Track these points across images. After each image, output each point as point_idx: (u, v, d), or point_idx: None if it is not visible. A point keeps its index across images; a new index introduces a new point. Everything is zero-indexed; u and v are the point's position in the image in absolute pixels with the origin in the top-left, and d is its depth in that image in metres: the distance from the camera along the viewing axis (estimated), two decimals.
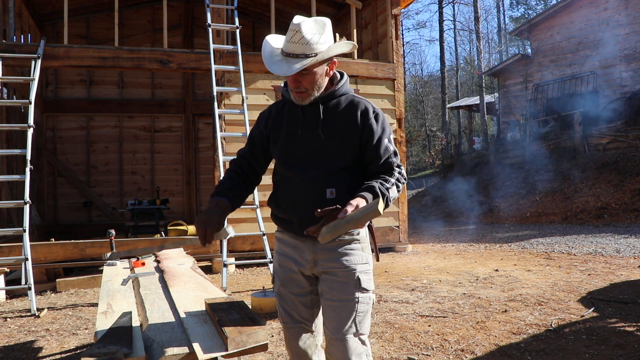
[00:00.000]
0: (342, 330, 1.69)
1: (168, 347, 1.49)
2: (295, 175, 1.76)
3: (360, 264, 1.76)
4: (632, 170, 10.59)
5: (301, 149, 1.77)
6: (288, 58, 1.64)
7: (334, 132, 1.74)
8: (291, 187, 1.77)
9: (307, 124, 1.76)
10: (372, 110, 1.77)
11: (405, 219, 7.68)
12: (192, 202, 10.42)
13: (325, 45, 1.64)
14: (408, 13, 36.36)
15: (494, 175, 14.04)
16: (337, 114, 1.76)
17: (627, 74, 13.39)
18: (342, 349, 1.67)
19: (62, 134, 9.81)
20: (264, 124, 1.87)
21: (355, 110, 1.75)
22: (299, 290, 1.81)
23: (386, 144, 1.74)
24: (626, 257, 6.22)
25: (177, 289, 2.21)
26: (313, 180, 1.72)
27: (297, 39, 1.60)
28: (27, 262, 4.70)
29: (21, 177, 4.98)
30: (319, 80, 1.71)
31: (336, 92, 1.77)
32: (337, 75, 1.82)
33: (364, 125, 1.74)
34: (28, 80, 5.65)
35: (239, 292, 5.07)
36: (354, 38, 7.75)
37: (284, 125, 1.81)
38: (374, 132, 1.73)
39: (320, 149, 1.74)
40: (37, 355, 3.32)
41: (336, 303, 1.72)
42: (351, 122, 1.74)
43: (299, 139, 1.77)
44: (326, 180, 1.72)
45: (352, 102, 1.78)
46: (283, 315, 1.85)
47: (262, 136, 1.86)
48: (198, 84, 10.54)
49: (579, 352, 2.97)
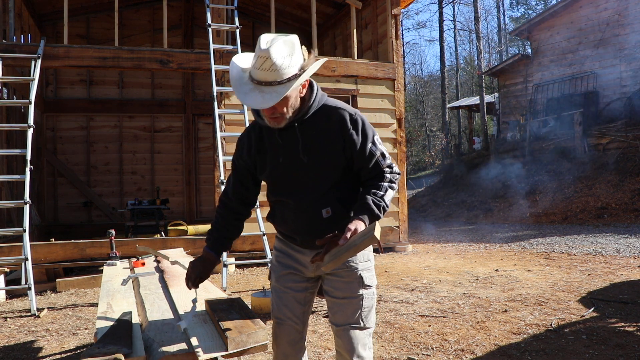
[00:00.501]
0: (348, 323, 1.76)
1: (168, 347, 1.49)
2: (288, 200, 1.78)
3: (361, 262, 1.80)
4: (632, 170, 10.59)
5: (287, 175, 1.75)
6: (260, 87, 1.54)
7: (315, 152, 1.70)
8: (287, 211, 1.80)
9: (287, 149, 1.72)
10: (350, 118, 1.70)
11: (405, 219, 7.68)
12: (192, 202, 10.42)
13: (296, 66, 1.55)
14: (408, 13, 36.38)
15: (494, 175, 14.04)
16: (315, 131, 1.69)
17: (627, 74, 13.39)
18: (348, 340, 1.75)
19: (62, 134, 9.81)
20: (246, 153, 1.83)
21: (332, 123, 1.69)
22: (294, 285, 1.83)
23: (370, 148, 1.71)
24: (626, 257, 6.22)
25: (177, 289, 2.21)
26: (307, 204, 1.74)
27: (268, 66, 1.50)
28: (27, 262, 4.70)
29: (21, 177, 4.98)
30: (293, 103, 1.63)
31: (311, 107, 1.69)
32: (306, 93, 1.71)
33: (344, 136, 1.69)
34: (28, 80, 5.66)
35: (239, 292, 5.07)
36: (354, 38, 7.76)
37: (267, 152, 1.77)
38: (356, 141, 1.69)
39: (306, 172, 1.72)
40: (37, 355, 3.32)
41: (342, 301, 1.78)
42: (331, 136, 1.69)
43: (282, 166, 1.74)
44: (319, 201, 1.73)
45: (328, 114, 1.70)
46: (275, 310, 1.87)
47: (248, 165, 1.84)
48: (198, 84, 10.54)
49: (579, 352, 2.97)
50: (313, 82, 1.72)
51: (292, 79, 1.54)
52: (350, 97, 7.52)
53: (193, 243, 6.18)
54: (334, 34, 10.17)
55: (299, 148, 1.70)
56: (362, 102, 7.49)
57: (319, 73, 7.20)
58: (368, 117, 6.91)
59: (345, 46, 9.51)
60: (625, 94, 13.06)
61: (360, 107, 7.48)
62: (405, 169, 7.85)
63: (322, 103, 1.72)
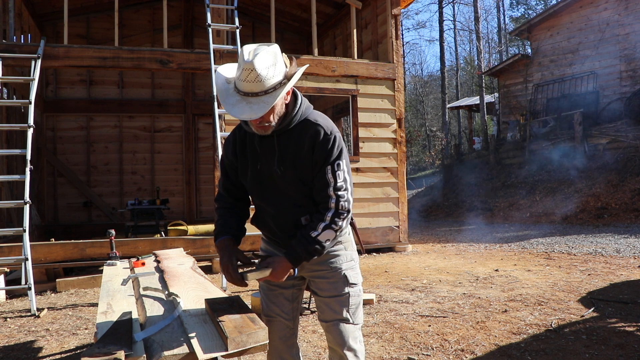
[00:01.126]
0: (338, 318, 1.83)
1: (168, 347, 1.49)
2: (267, 207, 1.84)
3: (345, 262, 1.87)
4: (632, 170, 10.59)
5: (265, 183, 1.80)
6: (247, 98, 1.57)
7: (289, 165, 1.73)
8: (268, 216, 1.86)
9: (265, 157, 1.76)
10: (323, 134, 1.69)
11: (405, 219, 7.68)
12: (192, 202, 10.42)
13: (280, 75, 1.58)
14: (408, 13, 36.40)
15: (494, 175, 14.04)
16: (291, 144, 1.72)
17: (627, 74, 13.39)
18: (338, 333, 1.82)
19: (62, 134, 9.81)
20: (231, 153, 1.87)
21: (307, 137, 1.70)
22: (282, 283, 1.86)
23: (326, 169, 1.69)
24: (626, 257, 6.22)
25: (177, 289, 2.21)
26: (285, 212, 1.80)
27: (253, 77, 1.53)
28: (27, 262, 4.70)
29: (21, 177, 4.98)
30: (279, 110, 1.67)
31: (293, 119, 1.71)
32: (289, 105, 1.73)
33: (314, 151, 1.70)
34: (28, 80, 5.66)
35: (239, 292, 5.07)
36: (354, 38, 7.76)
37: (248, 157, 1.81)
38: (318, 158, 1.69)
39: (281, 182, 1.76)
40: (37, 355, 3.32)
41: (329, 299, 1.85)
42: (304, 151, 1.71)
43: (260, 174, 1.79)
44: (297, 210, 1.78)
45: (306, 128, 1.71)
46: (265, 308, 1.94)
47: (233, 165, 1.88)
48: (198, 84, 10.55)
49: (578, 352, 2.97)
50: (298, 92, 1.75)
51: (277, 87, 1.57)
52: (350, 97, 7.52)
53: (193, 243, 6.18)
54: (334, 34, 10.17)
55: (274, 159, 1.73)
56: (362, 102, 7.49)
57: (319, 73, 7.21)
58: (368, 117, 6.92)
59: (345, 46, 9.51)
60: (625, 94, 13.06)
61: (360, 107, 7.48)
62: (405, 169, 7.85)
63: (304, 117, 1.73)
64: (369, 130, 7.53)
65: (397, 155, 7.67)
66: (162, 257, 3.11)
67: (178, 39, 10.28)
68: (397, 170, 7.67)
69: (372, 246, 7.42)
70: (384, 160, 7.61)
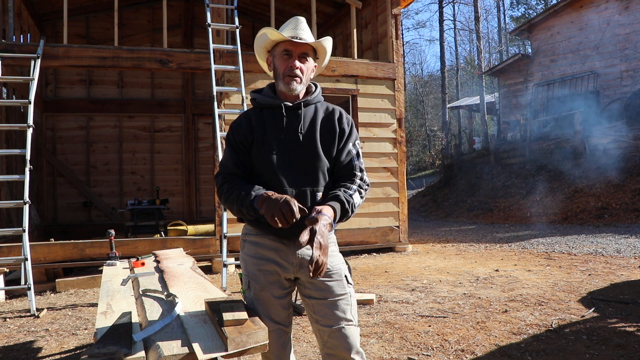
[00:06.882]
0: (342, 322, 1.79)
1: (168, 347, 1.49)
2: (283, 177, 1.76)
3: (342, 263, 1.89)
4: (632, 170, 10.59)
5: (284, 154, 1.79)
6: (296, 37, 1.78)
7: (312, 135, 1.82)
8: (280, 191, 1.72)
9: (289, 124, 1.82)
10: (345, 116, 1.90)
11: (405, 219, 7.68)
12: (191, 202, 10.41)
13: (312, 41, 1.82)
14: (408, 13, 36.41)
15: (494, 175, 14.04)
16: (315, 115, 1.87)
17: (627, 74, 13.39)
18: (345, 338, 1.77)
19: (61, 134, 9.81)
20: (246, 129, 1.83)
21: (331, 113, 1.88)
22: (281, 292, 1.83)
23: (351, 147, 1.86)
24: (627, 257, 6.21)
25: (176, 289, 2.20)
26: (300, 184, 1.77)
27: (303, 27, 1.80)
28: (26, 262, 4.69)
29: (21, 177, 4.97)
30: (309, 73, 1.85)
31: (313, 100, 1.88)
32: (311, 86, 1.94)
33: (339, 127, 1.86)
34: (27, 80, 5.65)
35: (239, 292, 5.06)
36: (354, 38, 7.75)
37: (268, 129, 1.82)
38: (344, 135, 1.85)
39: (302, 151, 1.80)
40: (37, 356, 3.32)
41: (331, 301, 1.79)
42: (328, 125, 1.85)
43: (281, 143, 1.79)
44: (312, 184, 1.78)
45: (327, 108, 1.90)
46: (262, 319, 1.82)
47: (247, 141, 1.82)
48: (198, 84, 10.54)
49: (579, 353, 2.97)
50: (317, 84, 1.96)
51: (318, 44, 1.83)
52: (350, 97, 7.51)
53: (193, 243, 6.17)
54: (334, 33, 10.17)
55: (299, 125, 1.82)
56: (362, 101, 7.49)
57: (319, 73, 7.20)
58: (368, 116, 6.95)
59: (345, 46, 9.50)
60: (626, 94, 13.06)
61: (360, 107, 7.48)
62: (405, 169, 7.84)
63: (322, 102, 1.94)
64: (369, 130, 7.53)
65: (397, 155, 7.67)
66: (161, 257, 3.10)
67: (178, 39, 10.27)
68: (397, 170, 7.66)
69: (372, 246, 7.42)
70: (384, 160, 7.60)
